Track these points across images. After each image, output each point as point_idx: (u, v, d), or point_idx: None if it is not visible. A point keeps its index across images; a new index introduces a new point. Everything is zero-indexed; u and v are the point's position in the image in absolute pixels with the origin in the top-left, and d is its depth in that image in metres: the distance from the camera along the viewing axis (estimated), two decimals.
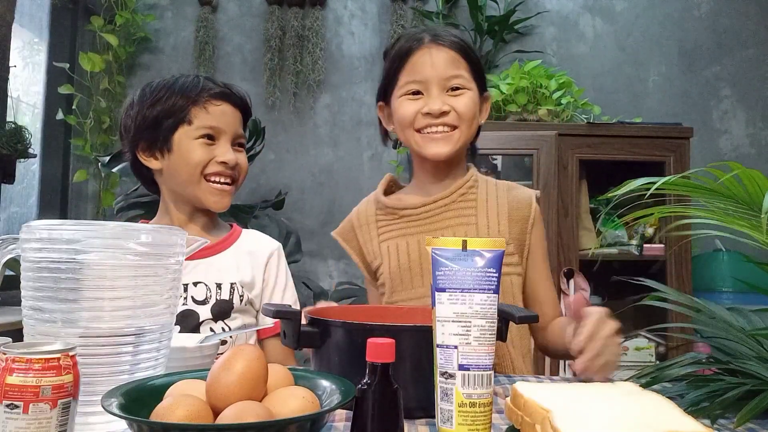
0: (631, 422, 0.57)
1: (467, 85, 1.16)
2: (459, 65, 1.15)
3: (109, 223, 0.70)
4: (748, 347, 0.81)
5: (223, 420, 0.56)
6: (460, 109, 1.14)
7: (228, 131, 1.19)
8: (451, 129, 1.14)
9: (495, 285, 0.66)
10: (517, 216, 1.19)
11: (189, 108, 1.17)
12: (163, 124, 1.17)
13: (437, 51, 1.15)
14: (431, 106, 1.13)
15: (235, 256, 1.25)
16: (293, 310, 0.82)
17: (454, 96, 1.15)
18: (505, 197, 1.20)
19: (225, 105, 1.20)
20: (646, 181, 0.76)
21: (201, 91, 1.18)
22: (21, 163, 2.20)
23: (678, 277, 2.29)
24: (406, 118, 1.16)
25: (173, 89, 1.18)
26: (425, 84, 1.15)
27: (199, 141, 1.17)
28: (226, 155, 1.18)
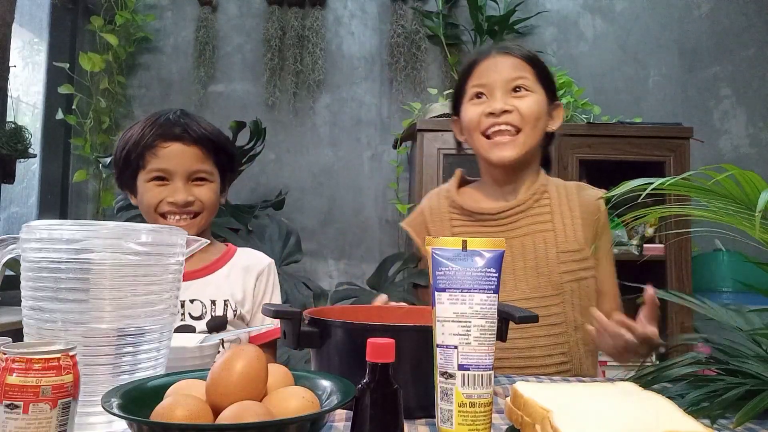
0: (631, 422, 0.57)
1: (531, 87, 1.18)
2: (523, 69, 1.18)
3: (109, 223, 0.70)
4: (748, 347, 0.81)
5: (223, 420, 0.56)
6: (523, 109, 1.15)
7: (179, 170, 1.23)
8: (515, 131, 1.16)
9: (495, 285, 0.66)
10: (589, 219, 1.21)
11: (143, 153, 1.23)
12: (128, 168, 1.26)
13: (502, 57, 1.19)
14: (493, 105, 1.15)
15: (229, 274, 1.31)
16: (293, 310, 0.82)
17: (518, 97, 1.17)
18: (576, 200, 1.23)
19: (175, 145, 1.23)
20: (644, 181, 0.76)
21: (153, 135, 1.23)
22: (21, 163, 2.21)
23: (678, 277, 2.29)
24: (472, 121, 1.19)
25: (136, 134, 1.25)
26: (489, 87, 1.18)
27: (151, 183, 1.23)
28: (175, 195, 1.22)
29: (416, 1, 2.91)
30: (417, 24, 2.88)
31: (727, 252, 2.44)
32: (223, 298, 1.27)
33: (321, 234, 2.84)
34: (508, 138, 1.16)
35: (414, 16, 2.88)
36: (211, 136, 1.27)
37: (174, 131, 1.23)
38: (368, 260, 2.80)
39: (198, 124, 1.26)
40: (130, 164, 1.25)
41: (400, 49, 2.86)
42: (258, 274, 1.33)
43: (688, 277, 2.29)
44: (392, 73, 2.88)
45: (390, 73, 2.89)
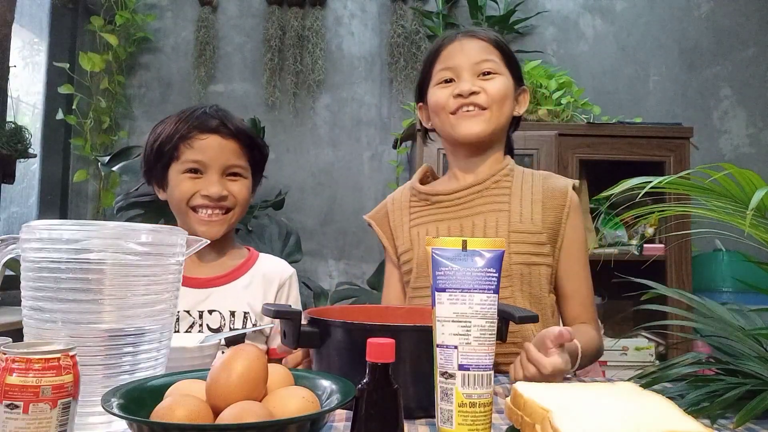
0: (631, 422, 0.57)
1: (499, 70, 1.17)
2: (490, 52, 1.17)
3: (109, 223, 0.70)
4: (748, 347, 0.81)
5: (223, 420, 0.56)
6: (491, 91, 1.15)
7: (215, 164, 1.21)
8: (481, 109, 1.15)
9: (495, 285, 0.66)
10: (552, 204, 1.16)
11: (178, 144, 1.20)
12: (160, 161, 1.23)
13: (468, 41, 1.18)
14: (462, 87, 1.15)
15: (249, 284, 1.27)
16: (293, 310, 0.82)
17: (485, 80, 1.16)
18: (540, 185, 1.19)
19: (212, 137, 1.21)
20: (643, 180, 0.76)
21: (189, 127, 1.20)
22: (21, 163, 2.20)
23: (678, 277, 2.29)
24: (440, 103, 1.17)
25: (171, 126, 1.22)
26: (456, 70, 1.17)
27: (185, 175, 1.21)
28: (210, 188, 1.19)
29: (416, 1, 2.91)
30: (417, 24, 2.88)
31: (727, 252, 2.44)
32: (243, 310, 1.23)
33: (321, 234, 2.84)
34: (474, 112, 1.15)
35: (414, 16, 2.88)
36: (249, 132, 1.26)
37: (211, 124, 1.21)
38: (368, 260, 2.80)
39: (235, 119, 1.25)
40: (162, 156, 1.22)
41: (400, 49, 2.86)
42: (279, 285, 1.30)
43: (688, 277, 2.29)
44: (392, 73, 2.88)
45: (390, 73, 2.89)
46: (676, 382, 0.82)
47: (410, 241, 1.21)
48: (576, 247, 1.17)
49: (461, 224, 1.16)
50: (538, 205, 1.16)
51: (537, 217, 1.14)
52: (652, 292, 0.92)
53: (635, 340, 2.32)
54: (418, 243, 1.20)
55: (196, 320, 1.20)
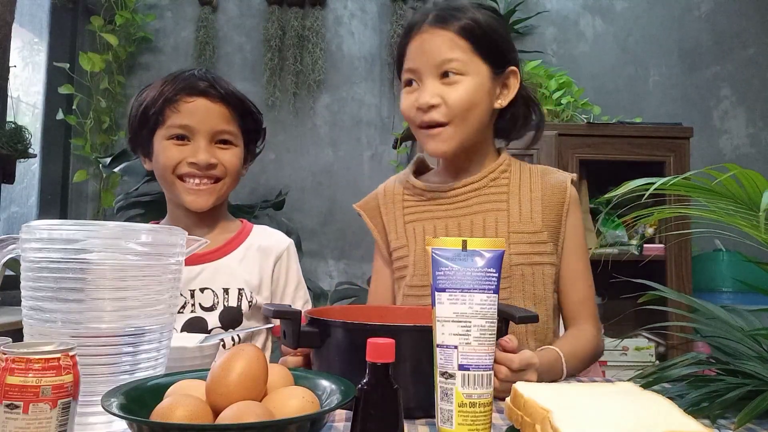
0: (631, 422, 0.57)
1: (464, 69, 1.05)
2: (455, 47, 1.05)
3: (109, 223, 0.70)
4: (748, 347, 0.81)
5: (223, 420, 0.56)
6: (451, 101, 1.04)
7: (202, 129, 1.12)
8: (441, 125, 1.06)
9: (495, 285, 0.66)
10: (551, 201, 1.12)
11: (163, 108, 1.12)
12: (145, 126, 1.15)
13: (433, 34, 1.06)
14: (420, 99, 1.06)
15: (243, 257, 1.20)
16: (293, 310, 0.82)
17: (448, 85, 1.05)
18: (539, 182, 1.14)
19: (200, 100, 1.12)
20: (645, 182, 0.76)
21: (175, 89, 1.12)
22: (21, 163, 2.20)
23: (678, 277, 2.29)
24: (406, 113, 1.10)
25: (156, 89, 1.14)
26: (418, 73, 1.07)
27: (170, 142, 1.13)
28: (197, 155, 1.12)
29: (416, 1, 2.90)
30: None
31: (727, 252, 2.44)
32: (237, 287, 1.16)
33: (321, 234, 2.84)
34: (437, 130, 1.07)
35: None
36: (239, 96, 1.17)
37: (199, 85, 1.12)
38: (368, 260, 2.78)
39: (225, 82, 1.17)
40: (147, 121, 1.14)
41: None
42: (277, 257, 1.22)
43: (688, 277, 2.29)
44: (392, 73, 2.88)
45: (390, 73, 2.89)
46: (676, 382, 0.82)
47: (405, 237, 1.16)
48: (575, 243, 1.13)
49: (459, 223, 1.13)
50: (538, 203, 1.11)
51: (537, 216, 1.11)
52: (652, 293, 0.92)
53: (635, 340, 2.32)
54: (415, 240, 1.15)
55: (188, 300, 1.13)
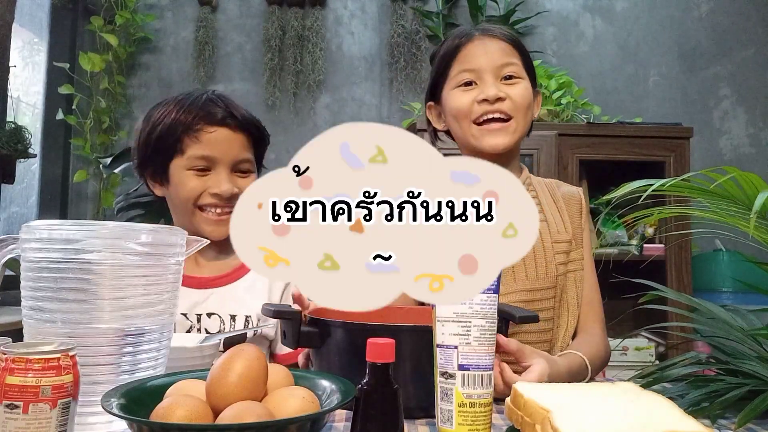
0: (631, 422, 0.57)
1: (521, 74, 1.13)
2: (512, 55, 1.13)
3: (109, 223, 0.70)
4: (748, 347, 0.81)
5: (223, 420, 0.56)
6: (516, 98, 1.10)
7: (224, 159, 1.12)
8: (507, 118, 1.10)
9: (495, 285, 0.66)
10: (572, 211, 1.18)
11: (181, 137, 1.10)
12: (160, 153, 1.13)
13: (489, 41, 1.13)
14: (487, 92, 1.09)
15: (253, 284, 1.18)
16: (293, 310, 0.82)
17: (509, 84, 1.11)
18: (558, 194, 1.20)
19: (221, 130, 1.11)
20: (645, 183, 0.76)
21: (194, 118, 1.11)
22: (21, 163, 2.20)
23: (678, 277, 2.29)
24: (462, 109, 1.11)
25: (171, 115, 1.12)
26: (478, 72, 1.11)
27: (191, 172, 1.12)
28: (221, 186, 1.11)
29: (416, 1, 2.91)
30: (417, 24, 2.88)
31: (727, 252, 2.44)
32: (245, 314, 1.14)
33: None
34: (499, 125, 1.10)
35: (414, 16, 2.88)
36: (256, 122, 1.17)
37: (218, 114, 1.11)
38: None
39: (239, 107, 1.15)
40: (162, 149, 1.11)
41: (400, 49, 2.86)
42: (285, 286, 1.20)
43: (688, 277, 2.29)
44: (392, 73, 2.88)
45: (390, 73, 2.89)
46: (676, 382, 0.82)
47: None
48: (588, 249, 1.19)
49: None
50: (565, 214, 1.17)
51: (567, 225, 1.16)
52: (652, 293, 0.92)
53: (635, 340, 2.32)
54: None
55: (194, 324, 1.13)
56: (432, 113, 1.21)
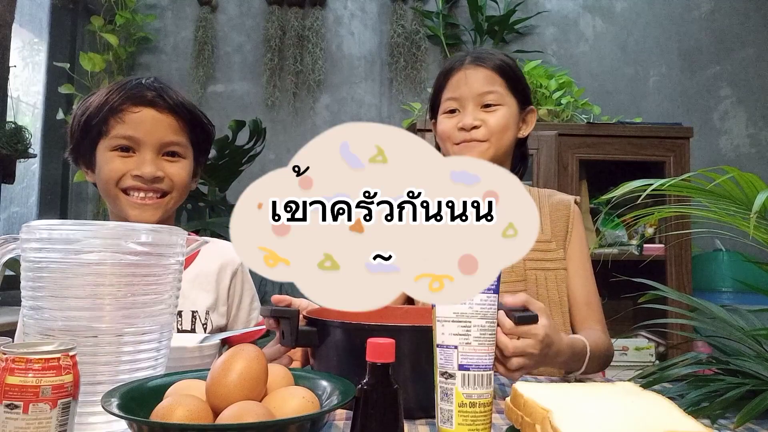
0: (631, 422, 0.57)
1: (501, 100, 1.22)
2: (494, 82, 1.22)
3: (109, 223, 0.70)
4: (748, 347, 0.81)
5: (223, 420, 0.56)
6: (492, 124, 1.20)
7: (148, 140, 1.07)
8: (483, 141, 1.20)
9: (495, 285, 0.66)
10: (557, 215, 1.27)
11: (107, 118, 1.06)
12: (87, 136, 1.09)
13: (473, 71, 1.23)
14: (465, 121, 1.20)
15: (196, 276, 1.14)
16: (291, 310, 0.82)
17: (488, 112, 1.21)
18: (546, 202, 1.29)
19: (146, 111, 1.07)
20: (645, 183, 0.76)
21: (121, 99, 1.06)
22: (21, 163, 2.20)
23: (678, 277, 2.29)
24: (445, 133, 1.24)
25: (101, 97, 1.09)
26: (461, 101, 1.23)
27: (114, 153, 1.07)
28: (142, 168, 1.06)
29: (416, 1, 2.91)
30: (417, 24, 2.88)
31: (727, 252, 2.44)
32: (190, 309, 1.10)
33: None
34: (475, 144, 1.21)
35: (414, 16, 2.88)
36: (189, 106, 1.11)
37: (146, 95, 1.06)
38: None
39: (175, 92, 1.10)
40: (89, 131, 1.07)
41: (400, 49, 2.86)
42: (233, 271, 1.17)
43: (688, 277, 2.29)
44: (392, 73, 2.88)
45: (390, 73, 2.89)
46: (676, 382, 0.82)
47: None
48: (579, 252, 1.26)
49: None
50: (546, 218, 1.26)
51: (546, 228, 1.25)
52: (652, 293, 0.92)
53: (635, 340, 2.32)
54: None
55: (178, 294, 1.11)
56: (435, 130, 1.33)
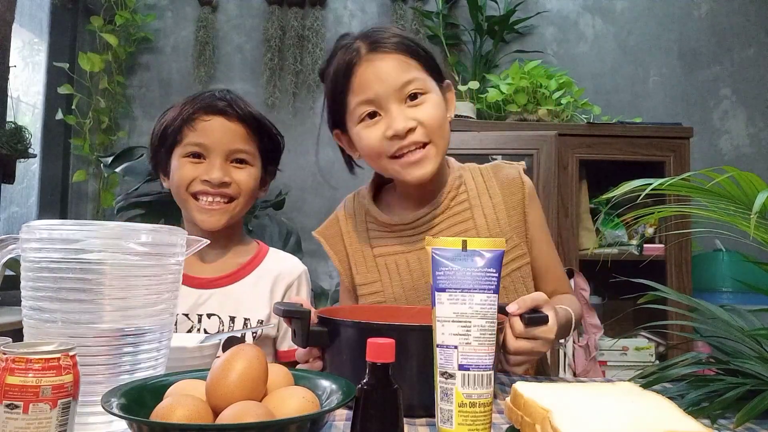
0: (631, 422, 0.57)
1: (425, 87, 1.02)
2: (409, 67, 1.01)
3: (109, 223, 0.70)
4: (748, 347, 0.81)
5: (223, 420, 0.56)
6: (427, 121, 1.01)
7: (218, 148, 1.13)
8: (423, 146, 1.02)
9: (495, 285, 0.66)
10: (512, 201, 1.11)
11: (181, 127, 1.14)
12: (164, 146, 1.16)
13: (380, 60, 1.01)
14: (394, 126, 0.99)
15: (256, 283, 1.19)
16: (303, 310, 0.82)
17: (416, 106, 1.01)
18: (495, 183, 1.13)
19: (216, 119, 1.13)
20: (644, 182, 0.76)
21: (194, 109, 1.14)
22: (21, 163, 2.20)
23: (678, 277, 2.29)
24: (373, 148, 1.02)
25: (177, 110, 1.16)
26: (378, 102, 1.01)
27: (186, 159, 1.14)
28: (211, 173, 1.11)
29: (416, 1, 2.90)
30: (417, 24, 2.88)
31: (727, 252, 2.44)
32: (244, 316, 1.14)
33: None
34: (419, 154, 1.01)
35: (414, 16, 2.88)
36: (257, 116, 1.18)
37: (217, 105, 1.14)
38: None
39: (245, 103, 1.18)
40: (166, 140, 1.15)
41: None
42: (288, 285, 1.21)
43: (688, 277, 2.29)
44: None
45: None
46: (676, 382, 0.82)
47: (377, 272, 1.12)
48: (539, 229, 1.14)
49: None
50: (501, 207, 1.11)
51: (503, 221, 1.10)
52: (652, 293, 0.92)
53: (635, 340, 2.33)
54: (389, 275, 1.11)
55: (195, 324, 1.13)
56: (343, 142, 1.13)
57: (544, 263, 1.15)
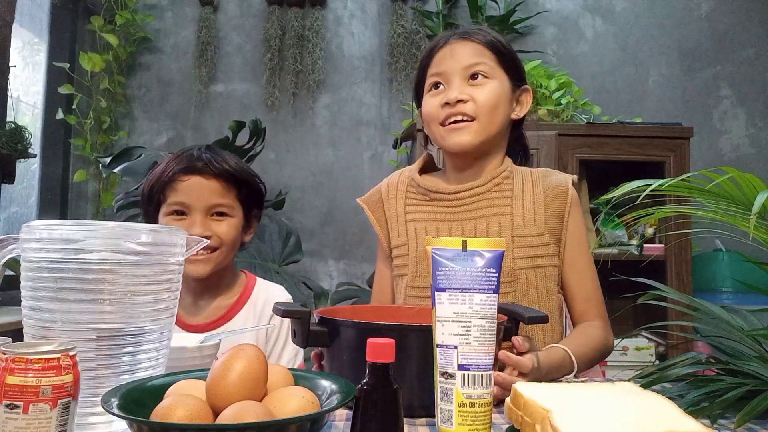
0: (631, 422, 0.57)
1: (491, 73, 1.13)
2: (482, 55, 1.13)
3: (109, 223, 0.70)
4: (748, 347, 0.81)
5: (223, 420, 0.56)
6: (479, 99, 1.10)
7: (197, 204, 1.21)
8: (470, 119, 1.11)
9: (495, 285, 0.66)
10: (554, 203, 1.14)
11: (163, 188, 1.22)
12: (150, 204, 1.25)
13: (460, 44, 1.14)
14: (449, 95, 1.11)
15: (247, 318, 1.28)
16: (302, 309, 0.82)
17: (475, 86, 1.12)
18: (541, 184, 1.16)
19: (194, 178, 1.21)
20: (644, 183, 0.76)
21: (174, 170, 1.22)
22: (21, 163, 2.21)
23: (678, 277, 2.29)
24: (430, 113, 1.15)
25: (160, 169, 1.24)
26: (445, 75, 1.13)
27: (170, 217, 1.23)
28: (192, 229, 1.19)
29: (416, 1, 2.91)
30: (417, 24, 2.88)
31: (727, 252, 2.44)
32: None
33: (321, 234, 2.84)
34: (463, 124, 1.11)
35: (414, 16, 2.88)
36: (234, 171, 1.24)
37: (195, 165, 1.22)
38: (368, 260, 2.80)
39: (222, 158, 1.24)
40: (152, 199, 1.24)
41: (400, 49, 2.86)
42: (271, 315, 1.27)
43: (688, 277, 2.29)
44: (392, 73, 2.88)
45: (390, 73, 2.89)
46: (676, 382, 0.82)
47: (406, 236, 1.17)
48: (578, 243, 1.15)
49: (462, 227, 1.13)
50: (541, 206, 1.13)
51: (540, 219, 1.12)
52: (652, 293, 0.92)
53: (635, 340, 2.32)
54: (416, 240, 1.16)
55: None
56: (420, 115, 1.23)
57: (576, 279, 1.14)
